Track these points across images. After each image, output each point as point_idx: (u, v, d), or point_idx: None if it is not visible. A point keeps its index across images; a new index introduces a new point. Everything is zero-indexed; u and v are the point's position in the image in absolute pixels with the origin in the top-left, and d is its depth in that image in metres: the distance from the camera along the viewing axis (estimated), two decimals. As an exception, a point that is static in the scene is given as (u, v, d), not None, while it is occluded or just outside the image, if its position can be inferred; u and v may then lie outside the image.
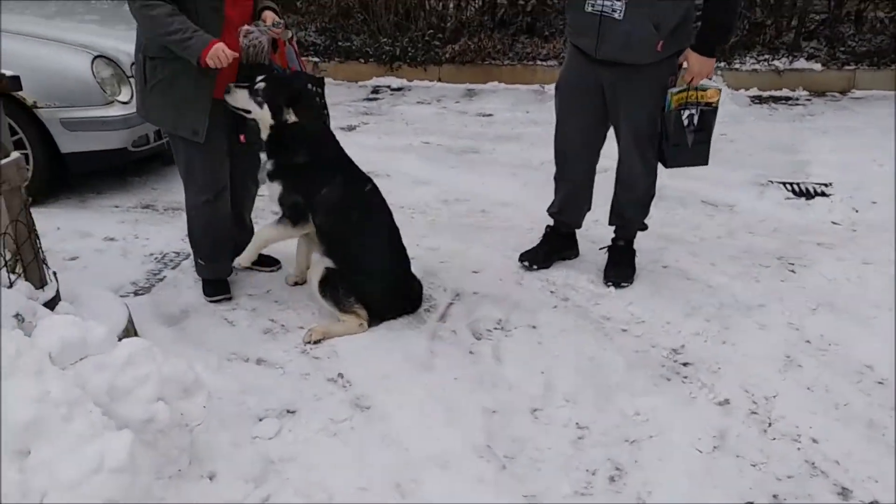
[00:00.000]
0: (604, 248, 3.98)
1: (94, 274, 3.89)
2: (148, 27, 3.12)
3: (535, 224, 4.50)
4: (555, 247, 4.02)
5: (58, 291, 2.98)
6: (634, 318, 3.52)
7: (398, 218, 4.53)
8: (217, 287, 3.66)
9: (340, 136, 3.55)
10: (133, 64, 3.44)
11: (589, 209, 4.00)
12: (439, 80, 7.91)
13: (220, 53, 3.08)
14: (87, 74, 4.53)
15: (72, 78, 4.53)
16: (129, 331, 3.08)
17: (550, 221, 4.06)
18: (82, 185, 5.05)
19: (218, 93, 3.30)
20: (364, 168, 3.53)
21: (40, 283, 2.90)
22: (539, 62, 7.74)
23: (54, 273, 3.05)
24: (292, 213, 3.42)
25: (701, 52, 3.43)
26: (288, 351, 3.23)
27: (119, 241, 4.32)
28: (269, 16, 3.40)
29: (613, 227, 3.94)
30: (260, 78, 3.27)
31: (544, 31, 7.86)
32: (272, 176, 3.39)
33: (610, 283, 3.80)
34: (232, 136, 3.48)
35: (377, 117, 6.82)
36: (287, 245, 3.75)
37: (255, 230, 3.93)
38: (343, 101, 7.34)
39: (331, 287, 3.33)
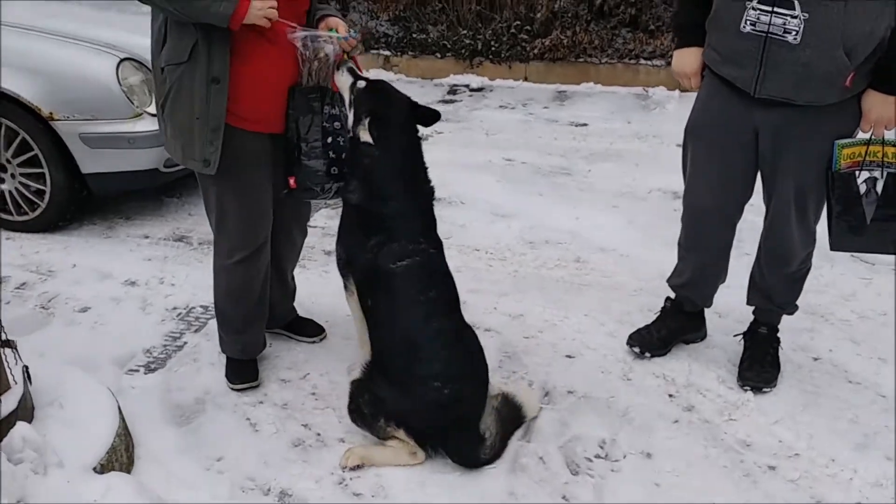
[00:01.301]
0: (739, 335, 3.07)
1: (103, 335, 3.23)
2: None
3: (643, 283, 3.64)
4: (675, 329, 3.12)
5: (23, 398, 2.26)
6: (784, 449, 2.61)
7: (472, 265, 3.78)
8: (242, 371, 2.91)
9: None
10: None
11: (723, 282, 3.09)
12: (525, 79, 6.98)
13: (259, 12, 2.32)
14: (110, 81, 3.79)
15: (93, 85, 3.80)
16: (118, 449, 2.35)
17: (667, 288, 3.17)
18: (111, 207, 4.38)
19: (265, 124, 2.56)
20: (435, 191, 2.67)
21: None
22: (643, 61, 6.72)
23: (25, 369, 2.34)
24: (339, 269, 2.73)
25: (885, 88, 2.46)
26: (321, 480, 2.44)
27: (141, 286, 3.61)
28: (338, 24, 2.60)
29: (752, 308, 3.03)
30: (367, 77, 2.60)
31: (650, 25, 6.80)
32: (341, 215, 2.70)
33: (747, 388, 2.89)
34: (278, 179, 2.69)
35: (453, 125, 5.96)
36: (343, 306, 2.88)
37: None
38: (416, 103, 6.51)
39: (357, 410, 2.52)
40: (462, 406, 2.47)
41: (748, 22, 2.45)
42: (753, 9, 2.43)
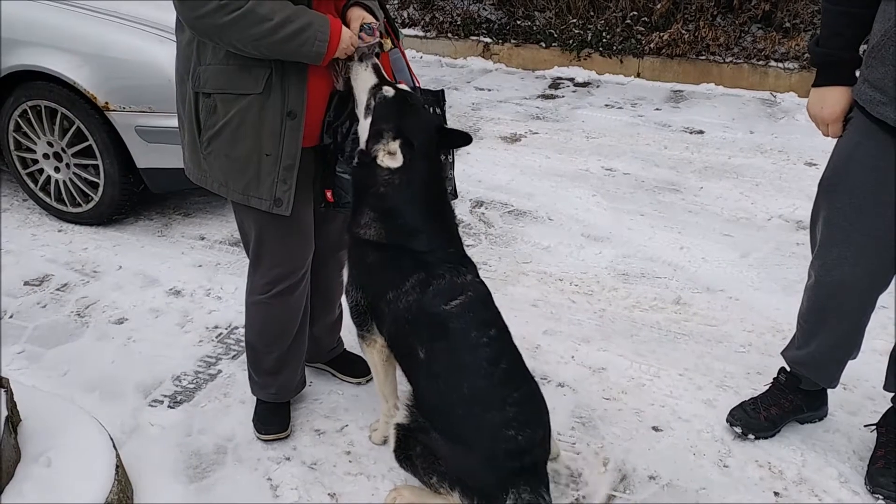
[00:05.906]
0: (871, 426, 2.48)
1: (134, 355, 2.97)
2: (237, 35, 1.95)
3: (753, 337, 3.09)
4: (787, 409, 2.55)
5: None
6: (926, 591, 2.04)
7: (551, 298, 3.31)
8: (272, 419, 2.54)
9: (499, 151, 2.27)
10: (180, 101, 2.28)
11: (854, 358, 2.49)
12: (638, 75, 6.34)
13: (347, 40, 2.06)
14: (170, 71, 3.44)
15: (151, 74, 3.49)
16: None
17: (781, 346, 2.61)
18: (171, 202, 4.11)
19: (309, 139, 2.17)
20: (521, 203, 2.23)
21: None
22: (773, 63, 5.95)
23: (7, 420, 2.02)
24: (354, 317, 2.29)
25: None
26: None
27: (186, 296, 3.32)
28: (359, 16, 2.16)
29: (892, 395, 2.43)
30: (399, 85, 2.17)
31: (785, 23, 6.03)
32: (348, 253, 2.28)
33: (879, 497, 2.31)
34: (316, 193, 2.33)
35: (551, 124, 5.42)
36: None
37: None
38: (512, 98, 5.99)
39: (405, 455, 2.11)
40: (535, 453, 2.03)
41: None
42: None
